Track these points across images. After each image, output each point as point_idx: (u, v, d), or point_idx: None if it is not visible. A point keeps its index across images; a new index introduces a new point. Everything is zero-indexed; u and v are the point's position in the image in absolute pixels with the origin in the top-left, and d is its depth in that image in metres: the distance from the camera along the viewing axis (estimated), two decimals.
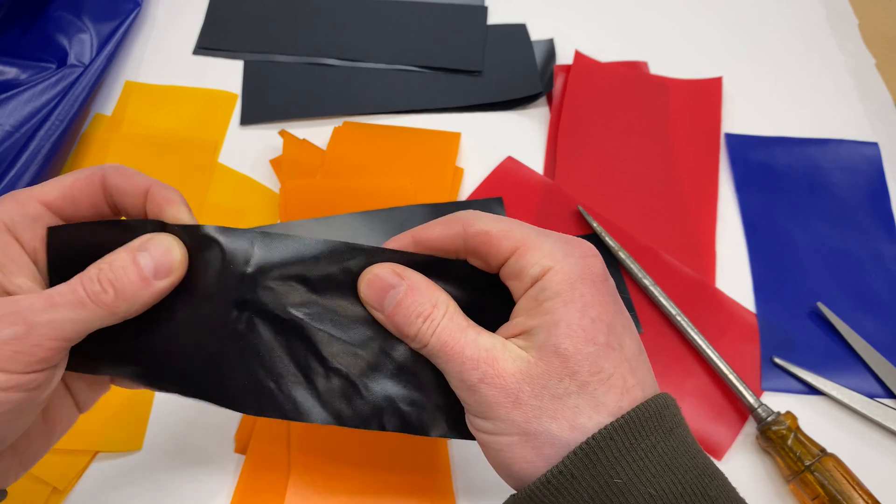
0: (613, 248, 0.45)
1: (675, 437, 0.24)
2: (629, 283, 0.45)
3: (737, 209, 0.49)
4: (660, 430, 0.24)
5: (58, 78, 0.50)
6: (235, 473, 0.38)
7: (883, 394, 0.42)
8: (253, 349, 0.27)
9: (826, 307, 0.44)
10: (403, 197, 0.47)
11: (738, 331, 0.44)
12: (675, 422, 0.25)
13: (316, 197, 0.46)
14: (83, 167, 0.49)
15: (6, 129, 0.47)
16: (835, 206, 0.49)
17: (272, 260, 0.27)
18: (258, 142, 0.51)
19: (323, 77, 0.55)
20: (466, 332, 0.25)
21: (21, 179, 0.44)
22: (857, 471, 0.38)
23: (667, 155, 0.51)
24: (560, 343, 0.24)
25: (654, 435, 0.23)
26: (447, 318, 0.26)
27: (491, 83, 0.54)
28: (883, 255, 0.47)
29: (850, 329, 0.43)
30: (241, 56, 0.56)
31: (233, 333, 0.27)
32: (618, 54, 0.57)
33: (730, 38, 0.59)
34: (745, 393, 0.39)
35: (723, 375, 0.40)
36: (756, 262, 0.47)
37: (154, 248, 0.26)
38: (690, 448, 0.24)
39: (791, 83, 0.56)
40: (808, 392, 0.42)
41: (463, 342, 0.25)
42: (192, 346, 0.27)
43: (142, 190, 0.28)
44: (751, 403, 0.39)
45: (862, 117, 0.54)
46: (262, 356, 0.27)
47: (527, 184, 0.49)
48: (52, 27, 0.53)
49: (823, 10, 0.60)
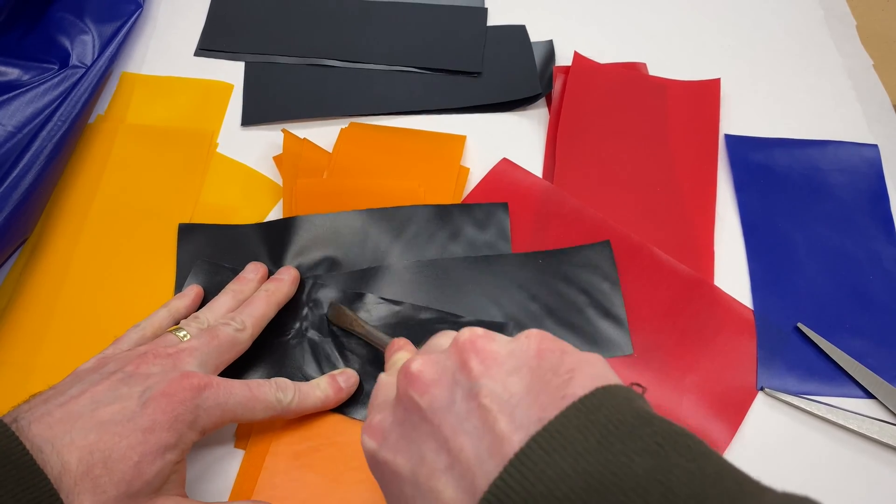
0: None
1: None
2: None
3: (736, 210, 0.49)
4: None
5: (60, 79, 0.50)
6: (235, 469, 0.38)
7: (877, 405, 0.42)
8: (295, 358, 0.41)
9: (807, 327, 0.44)
10: (413, 199, 0.47)
11: (736, 327, 0.44)
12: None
13: (327, 195, 0.47)
14: (86, 168, 0.49)
15: (8, 130, 0.47)
16: (834, 208, 0.49)
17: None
18: (260, 139, 0.51)
19: (323, 78, 0.55)
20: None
21: (23, 180, 0.44)
22: (855, 485, 0.38)
23: (665, 156, 0.51)
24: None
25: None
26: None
27: (490, 84, 0.55)
28: (881, 256, 0.47)
29: (833, 346, 0.43)
30: (242, 57, 0.56)
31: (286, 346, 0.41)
32: (617, 56, 0.57)
33: (728, 40, 0.59)
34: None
35: None
36: (754, 263, 0.47)
37: (346, 379, 0.39)
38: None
39: (789, 84, 0.56)
40: (805, 393, 0.42)
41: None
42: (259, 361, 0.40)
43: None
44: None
45: (860, 118, 0.54)
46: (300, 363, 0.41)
47: (523, 186, 0.49)
48: (54, 28, 0.53)
49: (821, 11, 0.61)
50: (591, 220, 0.47)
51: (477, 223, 0.46)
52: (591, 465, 0.19)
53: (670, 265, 0.46)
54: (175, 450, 0.31)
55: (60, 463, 0.27)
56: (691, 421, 0.41)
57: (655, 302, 0.45)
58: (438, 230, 0.46)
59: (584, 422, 0.20)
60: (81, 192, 0.48)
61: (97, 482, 0.28)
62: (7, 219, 0.43)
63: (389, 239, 0.45)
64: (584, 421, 0.20)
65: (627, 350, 0.42)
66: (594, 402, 0.21)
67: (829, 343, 0.43)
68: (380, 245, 0.45)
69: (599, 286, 0.44)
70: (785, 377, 0.42)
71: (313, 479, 0.37)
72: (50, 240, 0.46)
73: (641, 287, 0.45)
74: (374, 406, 0.28)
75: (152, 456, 0.29)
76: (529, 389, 0.23)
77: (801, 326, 0.44)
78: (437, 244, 0.45)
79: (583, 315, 0.43)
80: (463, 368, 0.24)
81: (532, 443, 0.20)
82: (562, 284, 0.44)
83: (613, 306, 0.44)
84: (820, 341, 0.43)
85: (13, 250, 0.45)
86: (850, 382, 0.42)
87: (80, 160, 0.50)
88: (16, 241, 0.45)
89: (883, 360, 0.43)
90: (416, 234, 0.46)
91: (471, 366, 0.24)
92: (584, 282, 0.44)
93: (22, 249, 0.46)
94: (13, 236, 0.44)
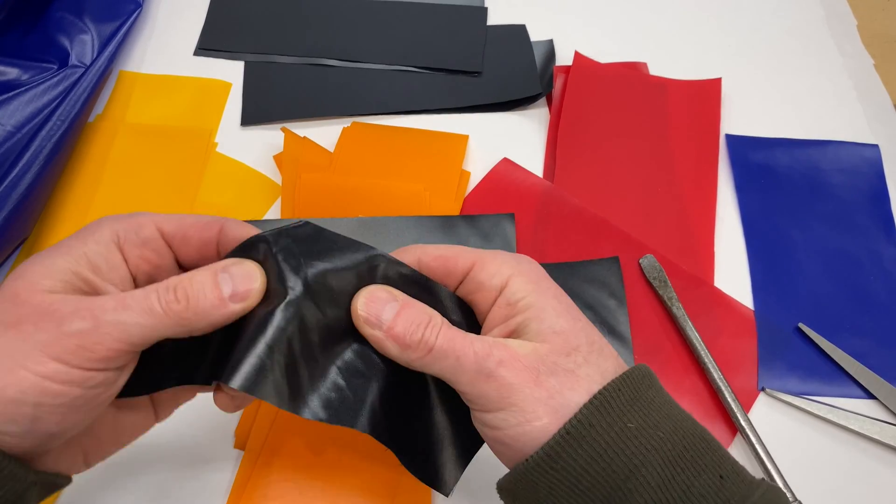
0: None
1: (663, 394, 0.27)
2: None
3: (736, 210, 0.49)
4: (653, 387, 0.27)
5: (59, 78, 0.50)
6: (234, 468, 0.38)
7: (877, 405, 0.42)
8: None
9: (808, 327, 0.44)
10: (417, 201, 0.47)
11: (737, 328, 0.44)
12: (658, 384, 0.27)
13: (330, 193, 0.47)
14: (85, 167, 0.49)
15: (8, 130, 0.47)
16: (835, 208, 0.49)
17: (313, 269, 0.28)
18: (258, 139, 0.51)
19: (323, 78, 0.55)
20: (467, 334, 0.27)
21: (23, 179, 0.44)
22: (855, 484, 0.39)
23: (666, 155, 0.51)
24: (555, 323, 0.26)
25: (650, 390, 0.26)
26: (445, 324, 0.27)
27: (491, 84, 0.55)
28: (882, 256, 0.47)
29: (834, 347, 0.43)
30: (242, 57, 0.56)
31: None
32: (617, 55, 0.57)
33: (729, 39, 0.59)
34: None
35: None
36: (755, 262, 0.47)
37: (237, 272, 0.27)
38: (675, 404, 0.27)
39: (790, 84, 0.56)
40: (806, 393, 0.42)
41: (470, 338, 0.26)
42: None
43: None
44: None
45: (861, 118, 0.54)
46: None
47: (523, 185, 0.49)
48: (54, 28, 0.53)
49: (822, 10, 0.61)
50: (592, 219, 0.47)
51: (483, 234, 0.46)
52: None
53: (671, 266, 0.46)
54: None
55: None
56: None
57: (656, 302, 0.44)
58: (444, 240, 0.46)
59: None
60: (81, 192, 0.48)
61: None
62: (6, 218, 0.43)
63: (394, 248, 0.45)
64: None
65: None
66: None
67: (830, 343, 0.43)
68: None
69: (606, 303, 0.44)
70: (786, 377, 0.42)
71: (308, 481, 0.37)
72: (49, 239, 0.46)
73: (642, 288, 0.45)
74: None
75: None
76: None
77: (801, 326, 0.44)
78: None
79: None
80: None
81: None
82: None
83: (619, 324, 0.43)
84: (821, 341, 0.43)
85: (12, 250, 0.45)
86: (851, 382, 0.42)
87: (79, 159, 0.50)
88: (15, 241, 0.45)
89: (883, 360, 0.43)
90: (420, 243, 0.45)
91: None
92: (591, 297, 0.44)
93: (21, 249, 0.46)
94: (12, 236, 0.44)
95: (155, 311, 0.25)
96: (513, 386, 0.25)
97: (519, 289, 0.27)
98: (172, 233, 0.28)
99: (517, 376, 0.25)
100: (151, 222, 0.28)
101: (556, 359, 0.26)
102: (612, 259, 0.45)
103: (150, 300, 0.25)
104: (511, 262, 0.28)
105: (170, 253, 0.29)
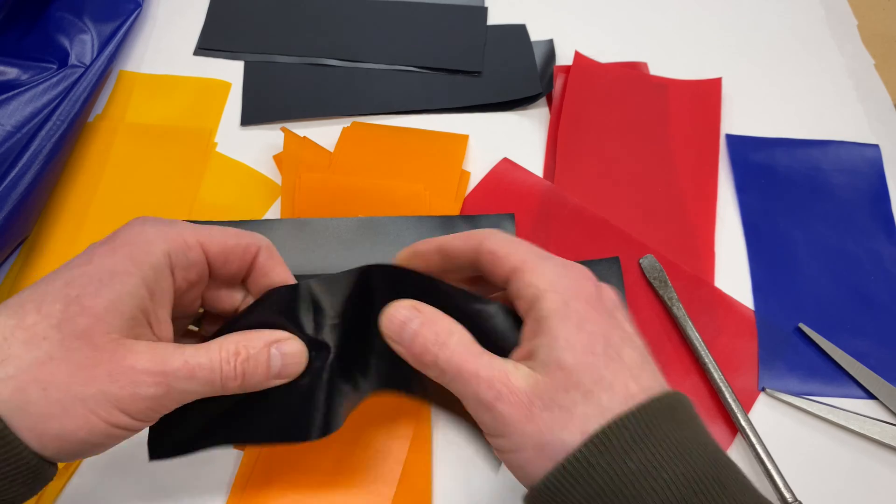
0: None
1: (688, 428, 0.25)
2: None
3: (736, 210, 0.49)
4: (671, 420, 0.25)
5: (59, 78, 0.50)
6: (234, 468, 0.38)
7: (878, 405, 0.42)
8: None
9: (808, 328, 0.44)
10: (417, 201, 0.47)
11: (737, 328, 0.44)
12: (689, 415, 0.26)
13: (330, 193, 0.47)
14: (85, 167, 0.49)
15: (7, 130, 0.47)
16: (835, 208, 0.49)
17: (328, 302, 0.31)
18: (258, 139, 0.51)
19: (323, 78, 0.55)
20: (480, 356, 0.27)
21: (22, 179, 0.44)
22: (855, 485, 0.38)
23: (666, 155, 0.51)
24: (561, 357, 0.25)
25: (665, 425, 0.24)
26: (461, 345, 0.27)
27: (491, 84, 0.55)
28: (883, 256, 0.47)
29: (834, 347, 0.43)
30: (242, 56, 0.56)
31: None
32: (617, 55, 0.57)
33: (729, 39, 0.59)
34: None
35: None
36: (755, 262, 0.47)
37: (288, 351, 0.29)
38: (703, 439, 0.25)
39: (790, 84, 0.56)
40: (806, 393, 0.42)
41: (477, 365, 0.26)
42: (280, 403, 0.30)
43: (281, 278, 0.31)
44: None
45: (861, 118, 0.54)
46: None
47: (523, 185, 0.49)
48: (54, 28, 0.53)
49: (822, 10, 0.60)
50: (592, 219, 0.47)
51: None
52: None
53: (671, 266, 0.46)
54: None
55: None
56: None
57: (656, 302, 0.44)
58: None
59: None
60: (80, 192, 0.48)
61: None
62: (6, 218, 0.43)
63: (393, 248, 0.45)
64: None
65: None
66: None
67: (831, 343, 0.43)
68: (383, 254, 0.45)
69: None
70: (786, 378, 0.42)
71: (307, 482, 0.37)
72: (48, 239, 0.46)
73: (642, 287, 0.45)
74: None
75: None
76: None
77: (802, 327, 0.44)
78: None
79: None
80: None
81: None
82: None
83: None
84: (821, 341, 0.43)
85: (12, 250, 0.45)
86: (852, 383, 0.42)
87: (78, 159, 0.49)
88: (14, 241, 0.45)
89: (884, 360, 0.43)
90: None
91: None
92: None
93: (20, 249, 0.46)
94: (12, 236, 0.44)
95: (216, 384, 0.27)
96: (506, 419, 0.25)
97: (545, 307, 0.26)
98: (216, 255, 0.29)
99: (512, 410, 0.25)
100: (198, 243, 0.29)
101: (554, 395, 0.25)
102: (612, 259, 0.45)
103: (215, 376, 0.27)
104: (549, 275, 0.27)
105: (207, 272, 0.30)
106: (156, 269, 0.27)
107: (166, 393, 0.26)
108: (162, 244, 0.27)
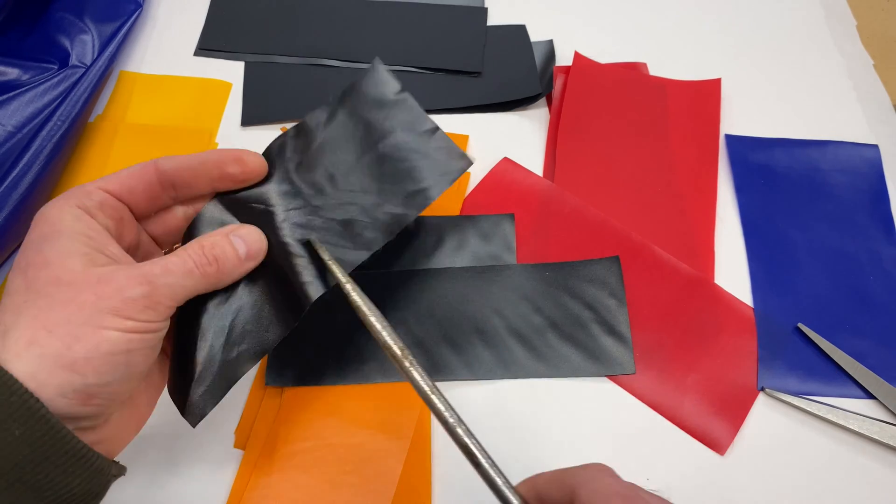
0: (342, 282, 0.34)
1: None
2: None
3: (736, 210, 0.49)
4: None
5: (60, 79, 0.50)
6: (234, 468, 0.38)
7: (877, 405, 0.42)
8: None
9: (807, 327, 0.44)
10: None
11: (737, 327, 0.44)
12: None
13: None
14: (86, 168, 0.49)
15: (8, 130, 0.47)
16: (834, 208, 0.49)
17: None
18: (258, 139, 0.51)
19: (323, 78, 0.55)
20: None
21: (23, 180, 0.44)
22: (855, 484, 0.38)
23: (666, 156, 0.51)
24: None
25: None
26: None
27: (490, 84, 0.55)
28: (882, 256, 0.47)
29: (834, 347, 0.43)
30: (242, 57, 0.56)
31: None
32: (617, 55, 0.57)
33: (729, 40, 0.59)
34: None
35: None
36: (755, 263, 0.47)
37: (246, 234, 0.33)
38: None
39: (789, 84, 0.56)
40: (806, 393, 0.42)
41: None
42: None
43: (197, 161, 0.34)
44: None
45: (860, 118, 0.54)
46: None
47: (523, 185, 0.49)
48: (54, 28, 0.53)
49: (822, 10, 0.61)
50: (592, 219, 0.47)
51: (482, 234, 0.46)
52: None
53: (671, 265, 0.46)
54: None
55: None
56: (693, 421, 0.41)
57: (656, 301, 0.45)
58: (443, 240, 0.46)
59: None
60: None
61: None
62: (6, 219, 0.43)
63: (393, 246, 0.45)
64: None
65: (629, 369, 0.42)
66: None
67: (830, 343, 0.43)
68: (382, 252, 0.45)
69: (606, 302, 0.44)
70: (785, 377, 0.42)
71: (307, 481, 0.37)
72: None
73: (642, 286, 0.45)
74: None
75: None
76: None
77: (801, 326, 0.44)
78: (441, 254, 0.45)
79: (586, 330, 0.43)
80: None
81: None
82: (567, 298, 0.44)
83: (619, 324, 0.43)
84: (820, 341, 0.43)
85: (12, 250, 0.45)
86: (851, 382, 0.42)
87: (79, 159, 0.50)
88: (15, 241, 0.45)
89: (883, 360, 0.43)
90: (420, 242, 0.45)
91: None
92: (591, 297, 0.44)
93: None
94: (12, 236, 0.44)
95: (194, 273, 0.30)
96: None
97: None
98: (118, 190, 0.32)
99: None
100: (96, 188, 0.31)
101: None
102: (612, 258, 0.45)
103: (189, 265, 0.30)
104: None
105: (124, 207, 0.32)
106: (75, 216, 0.29)
107: (153, 289, 0.28)
108: (66, 201, 0.30)
